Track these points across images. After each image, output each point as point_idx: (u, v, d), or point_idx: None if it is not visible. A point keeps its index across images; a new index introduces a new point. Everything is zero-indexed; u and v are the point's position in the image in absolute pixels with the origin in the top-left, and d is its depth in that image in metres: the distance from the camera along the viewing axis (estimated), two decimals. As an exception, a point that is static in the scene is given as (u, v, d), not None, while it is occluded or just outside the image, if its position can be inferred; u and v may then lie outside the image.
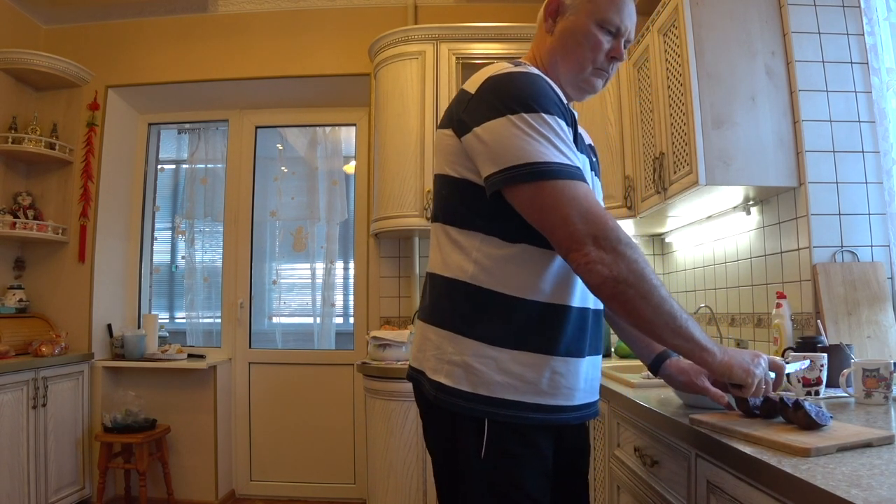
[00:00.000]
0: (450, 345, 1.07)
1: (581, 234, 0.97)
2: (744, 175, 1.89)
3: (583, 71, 1.18)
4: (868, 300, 1.76)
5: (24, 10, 3.37)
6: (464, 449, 1.04)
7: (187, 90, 3.50)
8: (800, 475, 0.79)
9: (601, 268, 0.96)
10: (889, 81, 1.85)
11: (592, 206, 0.98)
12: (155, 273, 3.76)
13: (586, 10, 1.16)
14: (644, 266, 0.98)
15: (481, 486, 1.03)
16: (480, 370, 1.04)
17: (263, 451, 3.52)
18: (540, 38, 1.25)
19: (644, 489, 1.46)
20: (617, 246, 0.96)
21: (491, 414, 1.03)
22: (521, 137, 1.00)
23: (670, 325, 1.00)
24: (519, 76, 1.07)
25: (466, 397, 1.03)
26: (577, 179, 0.99)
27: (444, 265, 1.11)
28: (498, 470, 1.03)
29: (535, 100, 1.02)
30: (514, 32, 2.92)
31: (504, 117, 1.01)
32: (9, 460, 2.64)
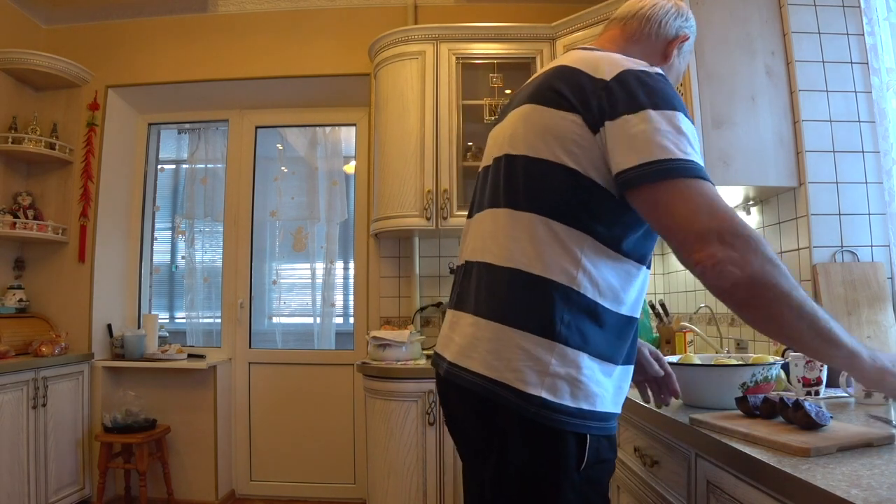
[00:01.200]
0: (551, 355, 0.96)
1: (706, 230, 0.88)
2: (744, 175, 1.89)
3: None
4: (868, 300, 1.76)
5: (24, 10, 3.37)
6: (561, 465, 0.96)
7: (187, 90, 3.50)
8: (800, 475, 0.79)
9: (732, 269, 0.87)
10: (889, 81, 1.85)
11: (720, 202, 0.91)
12: (155, 273, 3.76)
13: (687, 58, 1.21)
14: (780, 263, 0.90)
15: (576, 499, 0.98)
16: (584, 382, 0.97)
17: (263, 451, 3.52)
18: (653, 51, 1.17)
19: (644, 489, 1.46)
20: (748, 242, 0.88)
21: (595, 428, 0.98)
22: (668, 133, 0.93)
23: (816, 331, 0.91)
24: (666, 79, 1.02)
25: (571, 412, 0.95)
26: (708, 181, 0.93)
27: (538, 263, 0.99)
28: (591, 481, 0.99)
29: (679, 103, 0.98)
30: (514, 32, 2.92)
31: (658, 111, 0.95)
32: (9, 460, 2.64)
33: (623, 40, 1.17)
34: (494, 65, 2.93)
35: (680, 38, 1.17)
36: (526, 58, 2.92)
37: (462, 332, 1.07)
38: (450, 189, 2.83)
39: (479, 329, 1.03)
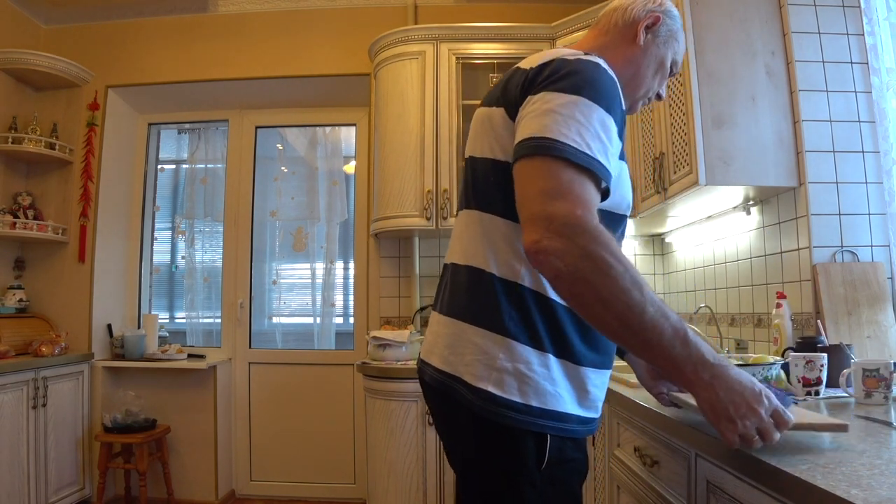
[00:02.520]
0: (500, 350, 0.96)
1: (541, 214, 0.84)
2: (744, 175, 1.89)
3: (645, 95, 1.18)
4: (868, 300, 1.76)
5: (24, 10, 3.37)
6: (519, 463, 0.96)
7: (187, 90, 3.50)
8: (800, 475, 0.79)
9: (553, 260, 0.82)
10: (889, 81, 1.85)
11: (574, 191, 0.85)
12: (155, 273, 3.76)
13: (670, 44, 1.16)
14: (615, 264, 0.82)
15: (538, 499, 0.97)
16: (533, 379, 0.95)
17: (263, 451, 3.52)
18: (622, 39, 1.15)
19: (644, 489, 1.46)
20: (580, 236, 0.82)
21: (551, 428, 0.96)
22: (557, 114, 0.89)
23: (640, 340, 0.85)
24: (593, 65, 0.97)
25: (518, 409, 0.95)
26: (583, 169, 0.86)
27: (486, 259, 1.00)
28: (555, 481, 0.98)
29: (600, 91, 0.93)
30: (514, 32, 2.92)
31: (560, 93, 0.92)
32: (9, 460, 2.64)
33: (594, 36, 1.18)
34: (494, 65, 2.93)
35: (647, 19, 1.13)
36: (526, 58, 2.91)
37: (431, 331, 1.09)
38: (450, 189, 2.83)
39: (441, 326, 1.05)
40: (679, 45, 1.18)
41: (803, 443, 0.97)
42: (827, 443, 0.98)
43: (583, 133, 0.88)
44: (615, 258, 0.82)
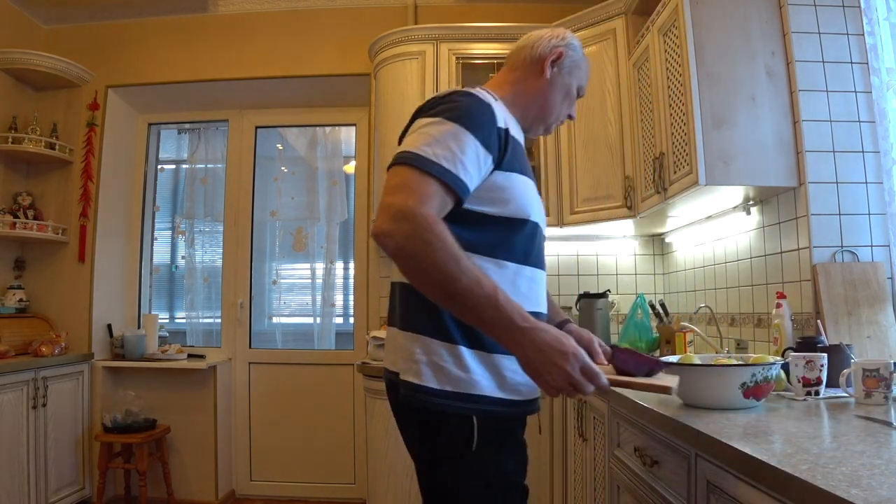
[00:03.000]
0: (417, 346, 1.13)
1: (386, 204, 1.02)
2: (744, 175, 1.89)
3: (556, 120, 1.36)
4: (868, 300, 1.76)
5: (24, 10, 3.37)
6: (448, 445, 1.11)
7: (187, 90, 3.50)
8: (800, 475, 0.79)
9: (386, 240, 1.00)
10: (889, 81, 1.85)
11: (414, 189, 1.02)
12: (155, 273, 3.76)
13: (575, 73, 1.34)
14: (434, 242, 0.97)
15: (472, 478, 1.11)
16: (445, 368, 1.10)
17: (263, 451, 3.52)
18: (530, 77, 1.32)
19: (644, 489, 1.46)
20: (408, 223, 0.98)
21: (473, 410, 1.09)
22: (421, 135, 1.09)
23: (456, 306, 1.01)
24: (460, 96, 1.16)
25: (435, 393, 1.10)
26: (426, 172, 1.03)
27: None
28: (488, 462, 1.11)
29: (464, 115, 1.10)
30: (514, 32, 2.91)
31: (428, 118, 1.12)
32: (9, 460, 2.64)
33: (506, 72, 1.35)
34: (494, 65, 2.92)
35: (552, 55, 1.30)
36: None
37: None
38: (450, 189, 2.83)
39: (387, 335, 1.26)
40: (582, 72, 1.36)
41: (803, 442, 0.97)
42: (827, 443, 0.98)
43: (432, 145, 1.06)
44: (435, 236, 0.98)
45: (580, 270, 3.19)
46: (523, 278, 1.18)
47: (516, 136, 1.23)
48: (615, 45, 2.68)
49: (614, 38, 2.69)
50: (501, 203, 1.15)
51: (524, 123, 1.33)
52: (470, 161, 1.08)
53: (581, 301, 2.87)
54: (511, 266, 1.16)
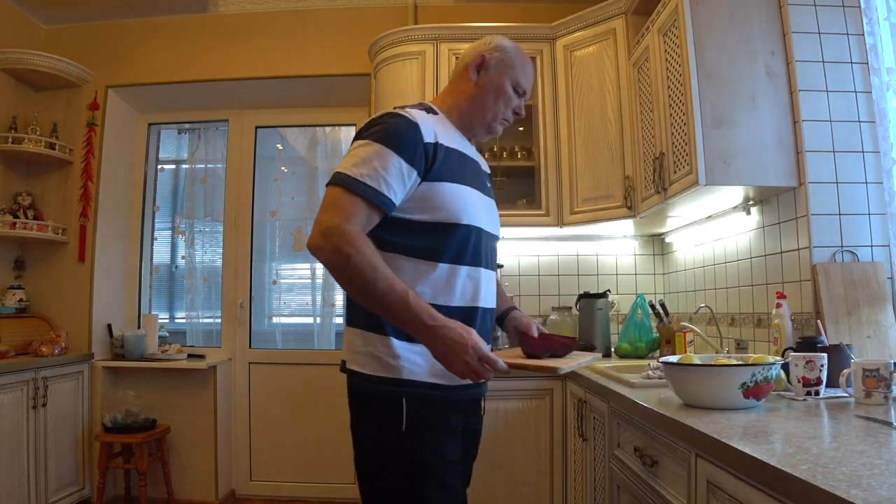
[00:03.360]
0: (358, 339, 1.30)
1: (318, 221, 1.19)
2: (744, 175, 1.89)
3: (494, 119, 1.45)
4: (868, 300, 1.76)
5: (24, 10, 3.37)
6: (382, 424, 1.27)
7: (187, 90, 3.50)
8: (800, 475, 0.79)
9: (318, 253, 1.18)
10: (889, 81, 1.85)
11: (340, 208, 1.19)
12: (155, 273, 3.76)
13: (505, 71, 1.44)
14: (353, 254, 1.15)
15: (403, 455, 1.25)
16: (380, 357, 1.26)
17: (263, 451, 3.52)
18: (461, 85, 1.46)
19: (644, 489, 1.46)
20: (333, 239, 1.16)
21: (405, 393, 1.25)
22: (350, 157, 1.25)
23: (375, 306, 1.19)
24: (388, 117, 1.30)
25: (372, 379, 1.26)
26: (351, 191, 1.20)
27: None
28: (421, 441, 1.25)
29: (387, 136, 1.25)
30: (513, 32, 2.91)
31: (358, 140, 1.28)
32: (9, 460, 2.64)
33: (447, 87, 1.51)
34: (494, 65, 2.92)
35: (474, 61, 1.44)
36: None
37: None
38: (450, 189, 2.83)
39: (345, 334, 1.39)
40: (516, 70, 1.44)
41: (803, 442, 0.97)
42: (827, 443, 0.98)
43: (359, 165, 1.22)
44: (355, 250, 1.15)
45: (580, 270, 3.19)
46: (459, 277, 1.31)
47: (452, 146, 1.35)
48: (615, 45, 2.68)
49: (614, 38, 2.69)
50: (431, 210, 1.28)
51: (466, 130, 1.45)
52: (393, 177, 1.22)
53: (581, 301, 2.87)
54: (444, 266, 1.29)
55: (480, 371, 1.15)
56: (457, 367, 1.15)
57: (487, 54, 1.44)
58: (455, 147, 1.37)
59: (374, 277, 1.15)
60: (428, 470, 1.25)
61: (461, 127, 1.45)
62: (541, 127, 2.86)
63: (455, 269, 1.31)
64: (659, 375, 1.76)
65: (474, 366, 1.15)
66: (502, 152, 2.96)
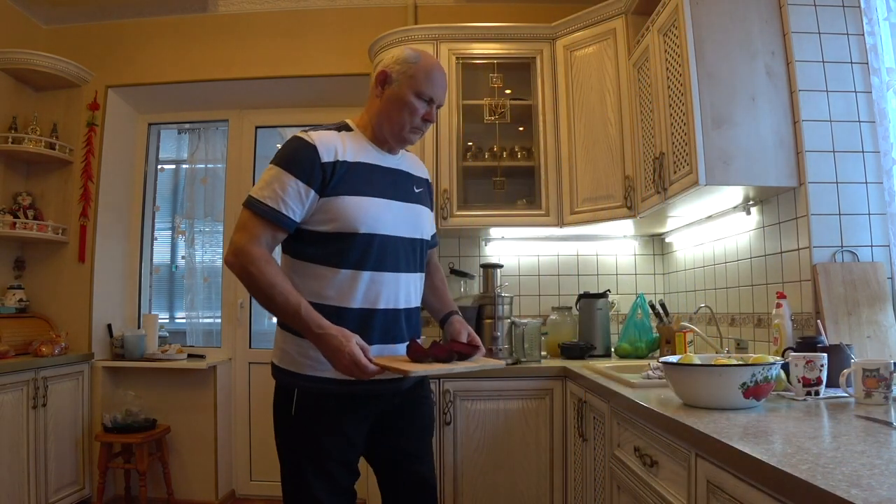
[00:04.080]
0: (280, 337, 1.51)
1: (231, 241, 1.42)
2: (744, 175, 1.89)
3: (403, 130, 1.55)
4: (868, 300, 1.76)
5: (24, 10, 3.37)
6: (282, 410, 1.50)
7: (187, 90, 3.50)
8: (800, 475, 0.79)
9: (231, 268, 1.41)
10: (889, 81, 1.85)
11: (247, 229, 1.41)
12: (155, 273, 3.76)
13: (407, 83, 1.53)
14: (253, 271, 1.37)
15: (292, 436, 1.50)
16: (288, 353, 1.48)
17: (263, 451, 3.52)
18: (371, 100, 1.61)
19: (644, 489, 1.46)
20: (241, 256, 1.39)
21: (300, 386, 1.46)
22: (259, 181, 1.46)
23: (274, 309, 1.41)
24: (291, 141, 1.49)
25: (283, 372, 1.49)
26: (255, 213, 1.41)
27: None
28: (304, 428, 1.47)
29: (284, 159, 1.45)
30: (513, 32, 2.92)
31: (270, 164, 1.48)
32: (9, 460, 2.64)
33: (368, 102, 1.65)
34: (494, 65, 2.93)
35: (379, 77, 1.58)
36: (526, 58, 2.92)
37: None
38: (450, 189, 2.83)
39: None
40: (418, 80, 1.52)
41: (804, 442, 0.97)
42: (827, 443, 0.98)
43: (263, 188, 1.43)
44: (256, 268, 1.38)
45: (580, 270, 3.19)
46: (361, 281, 1.46)
47: (360, 160, 1.50)
48: (615, 45, 2.68)
49: (614, 38, 2.69)
50: (331, 222, 1.44)
51: (381, 142, 1.58)
52: (291, 198, 1.41)
53: (581, 301, 2.87)
54: (346, 272, 1.45)
55: (356, 372, 1.33)
56: (339, 367, 1.34)
57: (388, 69, 1.56)
58: (364, 161, 1.51)
59: (272, 293, 1.37)
60: (309, 453, 1.47)
61: (375, 139, 1.58)
62: (541, 127, 2.86)
63: (357, 275, 1.45)
64: (659, 375, 1.76)
65: (351, 368, 1.33)
66: (502, 152, 2.96)
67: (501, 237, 3.14)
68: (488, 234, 3.08)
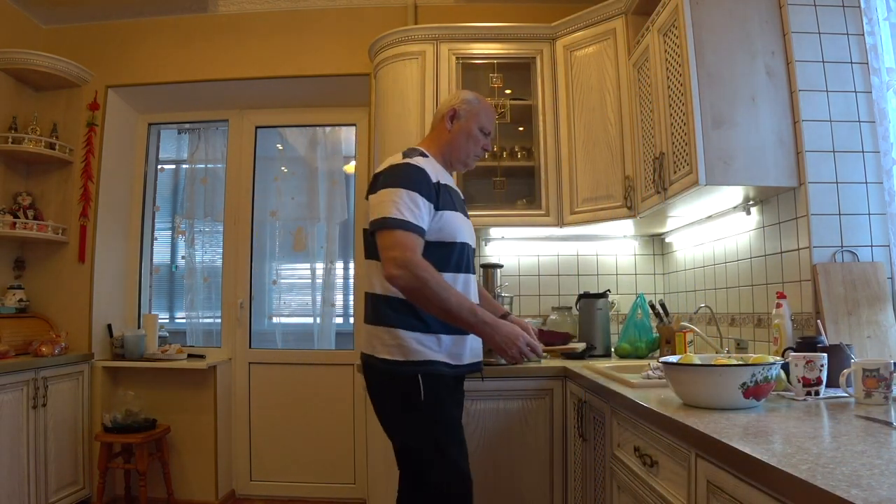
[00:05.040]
0: (385, 334, 1.69)
1: (391, 258, 1.58)
2: (744, 175, 1.89)
3: (468, 157, 1.91)
4: (868, 300, 1.76)
5: (24, 10, 3.37)
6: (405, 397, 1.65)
7: (187, 90, 3.50)
8: (800, 475, 0.79)
9: (399, 282, 1.58)
10: (889, 81, 1.85)
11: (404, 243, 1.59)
12: (155, 273, 3.76)
13: (473, 119, 1.88)
14: (428, 279, 1.56)
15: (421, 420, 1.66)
16: (404, 346, 1.66)
17: (263, 451, 3.52)
18: (440, 131, 1.90)
19: (644, 489, 1.46)
20: (409, 268, 1.56)
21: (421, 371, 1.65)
22: (386, 202, 1.64)
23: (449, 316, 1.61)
24: (405, 166, 1.71)
25: (400, 363, 1.66)
26: (401, 228, 1.60)
27: (371, 285, 1.77)
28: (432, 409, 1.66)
29: (407, 181, 1.67)
30: (513, 32, 2.92)
31: (386, 188, 1.67)
32: (9, 460, 2.64)
33: (430, 133, 1.96)
34: (494, 65, 2.93)
35: (448, 113, 1.88)
36: (526, 58, 2.92)
37: (360, 334, 1.85)
38: (450, 189, 2.83)
39: (364, 330, 1.80)
40: (482, 117, 1.88)
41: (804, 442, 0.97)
42: (827, 443, 0.98)
43: (401, 209, 1.62)
44: (429, 273, 1.58)
45: (580, 270, 3.19)
46: (458, 282, 1.75)
47: (446, 182, 1.79)
48: (615, 45, 2.68)
49: (614, 38, 2.69)
50: (437, 232, 1.70)
51: (448, 167, 1.89)
52: (423, 212, 1.65)
53: (581, 301, 2.86)
54: (448, 274, 1.71)
55: (528, 353, 1.66)
56: (511, 351, 1.64)
57: (457, 106, 1.88)
58: (445, 182, 1.78)
59: (447, 294, 1.59)
60: (445, 429, 1.68)
61: (444, 164, 1.87)
62: (541, 127, 2.86)
63: (456, 277, 1.74)
64: (659, 375, 1.76)
65: (524, 350, 1.65)
66: (502, 152, 2.96)
67: (501, 237, 3.13)
68: (488, 234, 3.08)
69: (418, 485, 1.68)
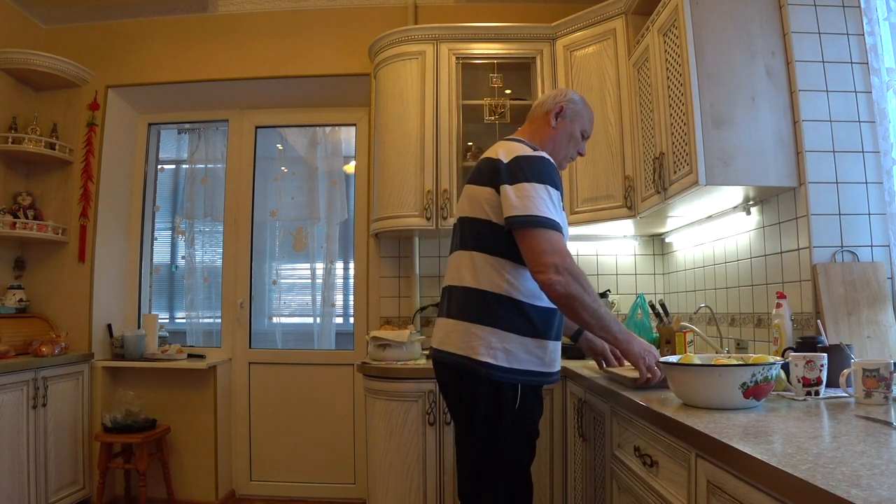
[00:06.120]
0: (492, 336, 1.60)
1: (548, 262, 1.52)
2: (744, 175, 1.89)
3: (564, 158, 1.85)
4: (868, 300, 1.76)
5: (24, 10, 3.37)
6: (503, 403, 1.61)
7: (187, 90, 3.50)
8: (800, 475, 0.79)
9: (558, 288, 1.52)
10: (889, 81, 1.85)
11: (558, 246, 1.54)
12: (155, 273, 3.76)
13: (577, 120, 1.83)
14: (587, 286, 1.54)
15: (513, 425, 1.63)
16: (513, 352, 1.61)
17: (263, 451, 3.52)
18: (541, 125, 1.82)
19: (644, 489, 1.46)
20: (570, 274, 1.52)
21: (523, 380, 1.62)
22: (531, 198, 1.56)
23: (597, 325, 1.58)
24: (541, 159, 1.63)
25: (504, 370, 1.60)
26: (554, 230, 1.55)
27: (477, 280, 1.64)
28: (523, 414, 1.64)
29: (549, 177, 1.60)
30: (514, 32, 2.92)
31: (529, 182, 1.58)
32: (9, 460, 2.64)
33: (528, 124, 1.86)
34: (494, 65, 2.93)
35: (555, 108, 1.80)
36: (526, 58, 2.92)
37: (442, 329, 1.73)
38: (450, 189, 2.83)
39: (451, 326, 1.68)
40: (584, 119, 1.83)
41: (803, 442, 0.97)
42: (827, 443, 0.99)
43: (549, 207, 1.56)
44: (587, 283, 1.56)
45: (580, 270, 3.19)
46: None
47: None
48: (615, 45, 2.68)
49: (614, 38, 2.69)
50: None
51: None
52: (560, 208, 1.62)
53: (581, 301, 2.86)
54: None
55: (654, 370, 1.58)
56: (647, 358, 1.59)
57: (564, 104, 1.81)
58: None
59: (598, 305, 1.57)
60: (526, 436, 1.67)
61: None
62: (541, 127, 2.86)
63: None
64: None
65: (652, 367, 1.59)
66: (502, 152, 2.95)
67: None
68: (488, 234, 3.08)
69: (485, 488, 1.66)
